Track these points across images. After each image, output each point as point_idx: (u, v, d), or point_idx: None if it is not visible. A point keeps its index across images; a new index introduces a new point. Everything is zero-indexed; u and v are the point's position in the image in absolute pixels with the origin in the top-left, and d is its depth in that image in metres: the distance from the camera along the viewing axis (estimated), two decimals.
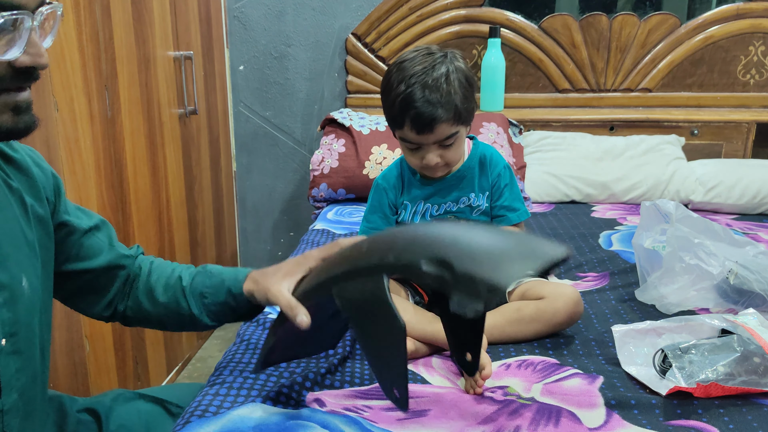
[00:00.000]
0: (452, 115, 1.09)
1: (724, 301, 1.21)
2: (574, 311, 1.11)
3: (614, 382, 0.97)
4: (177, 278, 0.93)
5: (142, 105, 1.70)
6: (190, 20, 2.08)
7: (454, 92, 1.08)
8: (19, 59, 0.63)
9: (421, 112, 1.07)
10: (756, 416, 0.88)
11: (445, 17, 2.36)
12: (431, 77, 1.08)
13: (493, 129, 2.10)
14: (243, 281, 0.89)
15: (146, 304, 0.92)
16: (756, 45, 2.30)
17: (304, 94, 2.51)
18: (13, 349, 0.74)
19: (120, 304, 0.93)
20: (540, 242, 0.69)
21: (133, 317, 0.94)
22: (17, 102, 0.65)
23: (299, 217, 2.65)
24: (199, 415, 0.85)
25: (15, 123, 0.66)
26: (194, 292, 0.91)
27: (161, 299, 0.91)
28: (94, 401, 0.99)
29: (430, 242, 0.69)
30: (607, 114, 2.35)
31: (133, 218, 1.66)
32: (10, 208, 0.76)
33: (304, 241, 1.72)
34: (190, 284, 0.92)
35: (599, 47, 2.34)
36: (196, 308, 0.91)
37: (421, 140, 1.11)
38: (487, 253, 0.66)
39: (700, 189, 2.04)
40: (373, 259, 0.72)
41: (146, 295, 0.92)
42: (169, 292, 0.92)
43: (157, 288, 0.92)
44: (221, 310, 0.91)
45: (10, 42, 0.62)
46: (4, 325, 0.73)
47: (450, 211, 1.20)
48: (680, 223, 1.24)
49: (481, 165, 1.23)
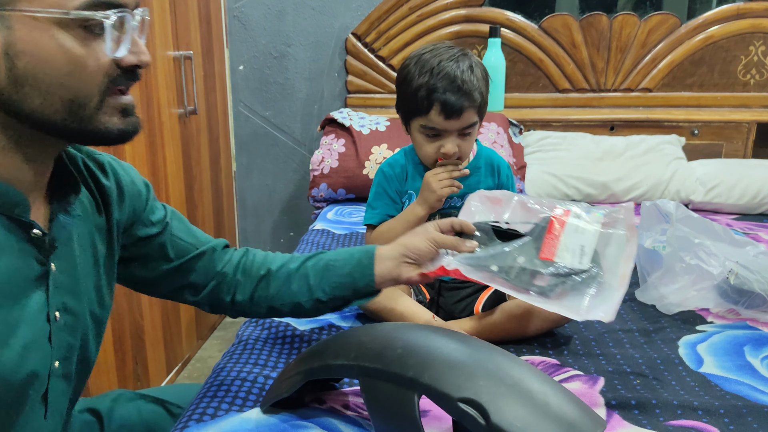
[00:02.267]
0: (478, 104, 1.13)
1: (725, 301, 1.21)
2: None
3: (615, 383, 0.97)
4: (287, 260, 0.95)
5: (141, 105, 1.70)
6: (190, 20, 2.07)
7: (477, 83, 1.12)
8: (126, 58, 0.64)
9: (452, 97, 1.10)
10: (755, 416, 0.88)
11: (445, 17, 2.35)
12: (459, 68, 1.11)
13: (493, 129, 2.10)
14: (372, 275, 0.91)
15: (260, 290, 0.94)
16: (756, 45, 2.30)
17: (304, 94, 2.51)
18: (63, 372, 0.73)
19: (226, 296, 0.94)
20: (580, 413, 0.66)
21: (241, 310, 0.96)
22: (125, 104, 0.67)
23: (299, 217, 2.65)
24: (196, 419, 0.85)
25: (125, 125, 0.67)
26: (317, 263, 0.93)
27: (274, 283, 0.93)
28: (96, 401, 0.99)
29: (469, 375, 0.67)
30: (607, 114, 2.35)
31: None
32: (89, 235, 0.76)
33: (304, 241, 1.72)
34: (312, 258, 0.94)
35: (599, 47, 2.33)
36: (315, 279, 0.92)
37: (447, 126, 1.13)
38: (525, 410, 0.64)
39: (700, 189, 2.04)
40: (407, 371, 0.70)
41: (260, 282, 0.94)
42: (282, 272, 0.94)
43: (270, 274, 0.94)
44: (342, 282, 0.92)
45: (118, 40, 0.63)
46: (61, 348, 0.72)
47: (455, 206, 1.20)
48: (680, 223, 1.24)
49: (488, 166, 1.25)
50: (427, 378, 0.68)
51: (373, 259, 0.91)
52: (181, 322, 2.05)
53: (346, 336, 0.82)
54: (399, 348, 0.73)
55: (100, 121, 0.65)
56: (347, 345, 0.78)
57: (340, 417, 0.86)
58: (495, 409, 0.63)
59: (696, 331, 1.16)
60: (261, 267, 0.95)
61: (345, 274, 0.92)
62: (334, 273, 0.92)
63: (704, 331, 1.17)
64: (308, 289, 0.92)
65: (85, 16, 0.60)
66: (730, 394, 0.94)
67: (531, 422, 0.63)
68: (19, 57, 0.59)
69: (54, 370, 0.71)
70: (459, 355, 0.71)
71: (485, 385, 0.66)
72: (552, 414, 0.65)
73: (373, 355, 0.73)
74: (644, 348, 1.10)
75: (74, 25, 0.60)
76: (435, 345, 0.72)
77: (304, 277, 0.93)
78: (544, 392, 0.67)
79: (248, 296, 0.94)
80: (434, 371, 0.68)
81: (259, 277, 0.94)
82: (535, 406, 0.65)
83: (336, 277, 0.92)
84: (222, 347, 2.28)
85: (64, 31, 0.60)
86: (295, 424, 0.83)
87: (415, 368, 0.69)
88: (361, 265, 0.92)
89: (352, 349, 0.77)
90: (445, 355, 0.70)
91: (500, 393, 0.65)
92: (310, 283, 0.92)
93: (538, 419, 0.64)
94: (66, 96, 0.62)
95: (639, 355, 1.07)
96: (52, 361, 0.71)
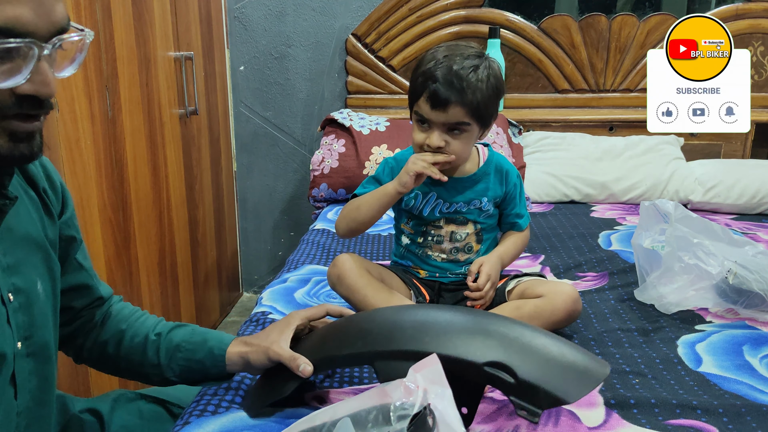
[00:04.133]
0: (468, 105, 1.10)
1: (723, 300, 1.21)
2: (572, 309, 1.12)
3: (614, 382, 0.97)
4: (151, 326, 0.93)
5: (142, 105, 1.71)
6: (191, 20, 2.08)
7: (477, 84, 1.09)
8: (20, 87, 0.61)
9: (441, 88, 1.09)
10: (755, 416, 0.88)
11: (445, 18, 2.36)
12: (461, 64, 1.09)
13: (492, 129, 2.11)
14: (228, 344, 0.90)
15: (110, 347, 0.92)
16: (755, 45, 2.30)
17: (305, 94, 2.52)
18: (27, 351, 0.75)
19: (81, 338, 0.92)
20: (589, 359, 0.73)
21: (88, 357, 0.94)
22: (19, 130, 0.63)
23: (299, 217, 2.66)
24: (197, 415, 0.85)
25: (10, 150, 0.63)
26: (170, 344, 0.91)
27: (127, 344, 0.91)
28: (96, 401, 0.99)
29: (486, 341, 0.72)
30: (606, 114, 2.35)
31: (133, 218, 1.66)
32: (27, 213, 0.77)
33: (305, 241, 1.73)
34: (167, 334, 0.92)
35: (598, 48, 2.34)
36: (165, 359, 0.91)
37: (432, 117, 1.12)
38: (543, 364, 0.70)
39: (699, 189, 2.05)
40: (426, 347, 0.72)
41: (113, 337, 0.92)
42: (137, 339, 0.92)
43: (127, 332, 0.92)
44: (191, 367, 0.91)
45: (12, 70, 0.60)
46: (20, 328, 0.74)
47: (460, 211, 1.20)
48: (679, 223, 1.25)
49: (497, 173, 1.23)
50: (449, 350, 0.71)
51: (224, 356, 0.90)
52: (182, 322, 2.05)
53: (341, 328, 0.83)
54: (409, 328, 0.76)
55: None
56: (349, 335, 0.79)
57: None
58: (519, 366, 0.69)
59: (695, 331, 1.17)
60: (122, 322, 0.94)
61: (197, 360, 0.91)
62: (184, 356, 0.91)
63: (703, 330, 1.17)
64: (159, 366, 0.91)
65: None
66: (729, 393, 0.95)
67: (552, 373, 0.70)
68: None
69: (18, 351, 0.73)
70: (469, 324, 0.75)
71: (503, 347, 0.71)
72: (566, 364, 0.72)
73: (384, 338, 0.76)
74: (643, 347, 1.10)
75: None
76: (442, 319, 0.76)
77: (155, 351, 0.91)
78: (553, 346, 0.73)
79: (100, 346, 0.92)
80: (452, 342, 0.72)
81: (118, 330, 0.93)
82: (550, 359, 0.71)
83: (186, 361, 0.91)
84: None
85: None
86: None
87: (432, 343, 0.73)
88: (220, 334, 0.93)
89: (356, 337, 0.78)
90: (456, 327, 0.74)
91: (519, 352, 0.71)
92: (161, 362, 0.91)
93: (556, 370, 0.71)
94: None
95: (638, 354, 1.07)
96: (14, 342, 0.72)
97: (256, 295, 2.76)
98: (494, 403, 0.90)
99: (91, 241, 1.43)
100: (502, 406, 0.89)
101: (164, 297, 1.88)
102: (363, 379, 0.99)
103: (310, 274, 1.48)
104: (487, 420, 0.86)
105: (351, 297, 1.15)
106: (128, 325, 0.93)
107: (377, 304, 1.10)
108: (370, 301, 1.11)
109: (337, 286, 1.17)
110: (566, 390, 0.69)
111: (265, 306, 1.29)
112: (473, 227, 1.21)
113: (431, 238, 1.22)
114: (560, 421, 0.86)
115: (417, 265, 1.25)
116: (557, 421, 0.86)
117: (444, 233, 1.21)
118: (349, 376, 1.00)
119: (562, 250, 1.65)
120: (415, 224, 1.23)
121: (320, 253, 1.64)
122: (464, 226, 1.21)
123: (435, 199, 1.20)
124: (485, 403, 0.90)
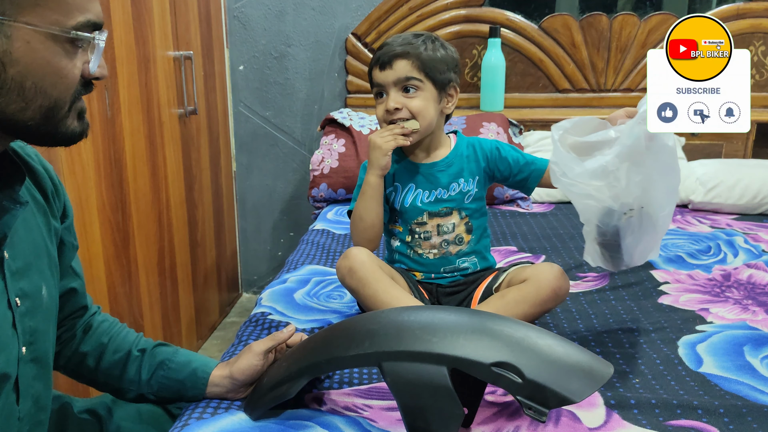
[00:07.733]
0: (413, 58, 1.15)
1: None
2: (557, 285, 1.10)
3: (614, 383, 0.97)
4: (133, 342, 0.93)
5: (141, 105, 1.70)
6: (190, 20, 2.07)
7: (422, 44, 1.17)
8: (94, 71, 0.71)
9: (384, 50, 1.17)
10: (755, 416, 0.88)
11: (445, 17, 2.35)
12: (408, 34, 1.19)
13: (493, 129, 2.11)
14: (213, 367, 0.91)
15: (90, 359, 0.92)
16: (756, 45, 2.30)
17: (304, 94, 2.51)
18: (31, 357, 0.76)
19: (59, 346, 0.91)
20: (593, 359, 0.75)
21: (64, 366, 0.94)
22: (82, 109, 0.72)
23: (299, 217, 2.65)
24: (197, 417, 0.85)
25: (82, 128, 0.72)
26: (152, 360, 0.91)
27: (108, 358, 0.91)
28: (95, 402, 0.99)
29: (492, 341, 0.73)
30: (607, 114, 2.34)
31: (132, 218, 1.66)
32: (33, 218, 0.78)
33: (304, 241, 1.72)
34: (150, 351, 0.92)
35: (599, 47, 2.34)
36: (146, 375, 0.91)
37: (382, 79, 1.17)
38: (549, 363, 0.72)
39: (700, 189, 2.04)
40: (434, 347, 0.73)
41: (95, 350, 0.92)
42: (119, 354, 0.92)
43: (109, 346, 0.92)
44: (170, 386, 0.91)
45: (96, 58, 0.70)
46: (26, 333, 0.74)
47: (441, 198, 1.21)
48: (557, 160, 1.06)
49: (470, 149, 1.24)
50: (457, 350, 0.72)
51: (207, 379, 0.91)
52: (181, 322, 2.05)
53: (346, 328, 0.82)
54: (416, 328, 0.76)
55: (66, 125, 0.70)
56: (355, 335, 0.79)
57: (341, 417, 0.86)
58: (526, 366, 0.70)
59: (695, 331, 1.16)
60: (104, 335, 0.94)
61: (178, 380, 0.91)
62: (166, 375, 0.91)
63: (704, 331, 1.17)
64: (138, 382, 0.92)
65: (81, 37, 0.66)
66: (730, 393, 0.95)
67: (557, 373, 0.71)
68: (13, 65, 0.63)
69: (22, 356, 0.73)
70: (475, 325, 0.76)
71: (510, 347, 0.72)
72: (571, 364, 0.73)
73: (391, 339, 0.76)
74: (644, 348, 1.10)
75: (64, 40, 0.65)
76: (449, 319, 0.77)
77: (137, 368, 0.92)
78: (558, 346, 0.75)
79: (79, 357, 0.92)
80: (459, 343, 0.73)
81: (99, 343, 0.93)
82: (556, 358, 0.72)
83: (166, 379, 0.91)
84: (222, 347, 2.28)
85: (56, 45, 0.65)
86: (296, 424, 0.83)
87: (440, 343, 0.73)
88: (204, 358, 0.93)
89: (363, 338, 0.78)
90: (463, 327, 0.75)
91: (525, 352, 0.72)
92: (142, 379, 0.91)
93: (562, 369, 0.72)
94: (45, 103, 0.66)
95: (638, 354, 1.07)
96: (19, 347, 0.73)
97: (255, 295, 2.76)
98: (494, 404, 0.90)
99: (90, 242, 1.42)
100: (502, 407, 0.89)
101: (163, 297, 1.88)
102: (363, 379, 0.99)
103: (310, 274, 1.48)
104: (486, 420, 0.86)
105: (361, 291, 1.11)
106: (110, 338, 0.93)
107: (389, 300, 1.08)
108: (381, 296, 1.09)
109: (347, 278, 1.13)
110: (572, 389, 0.70)
111: (264, 306, 1.28)
112: (458, 216, 1.22)
113: (418, 235, 1.22)
114: (560, 422, 0.86)
115: (411, 267, 1.24)
116: (557, 421, 0.86)
117: (430, 228, 1.21)
118: (348, 376, 1.00)
119: (562, 250, 1.65)
120: (402, 222, 1.23)
121: (320, 253, 1.64)
122: (449, 217, 1.21)
123: (414, 189, 1.21)
124: (484, 405, 0.90)
